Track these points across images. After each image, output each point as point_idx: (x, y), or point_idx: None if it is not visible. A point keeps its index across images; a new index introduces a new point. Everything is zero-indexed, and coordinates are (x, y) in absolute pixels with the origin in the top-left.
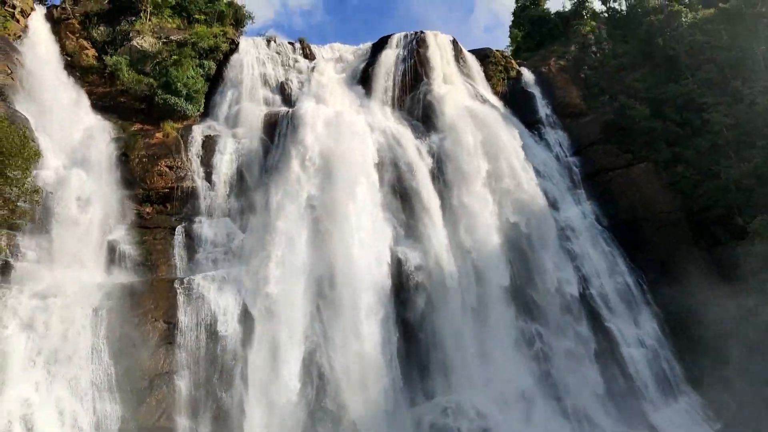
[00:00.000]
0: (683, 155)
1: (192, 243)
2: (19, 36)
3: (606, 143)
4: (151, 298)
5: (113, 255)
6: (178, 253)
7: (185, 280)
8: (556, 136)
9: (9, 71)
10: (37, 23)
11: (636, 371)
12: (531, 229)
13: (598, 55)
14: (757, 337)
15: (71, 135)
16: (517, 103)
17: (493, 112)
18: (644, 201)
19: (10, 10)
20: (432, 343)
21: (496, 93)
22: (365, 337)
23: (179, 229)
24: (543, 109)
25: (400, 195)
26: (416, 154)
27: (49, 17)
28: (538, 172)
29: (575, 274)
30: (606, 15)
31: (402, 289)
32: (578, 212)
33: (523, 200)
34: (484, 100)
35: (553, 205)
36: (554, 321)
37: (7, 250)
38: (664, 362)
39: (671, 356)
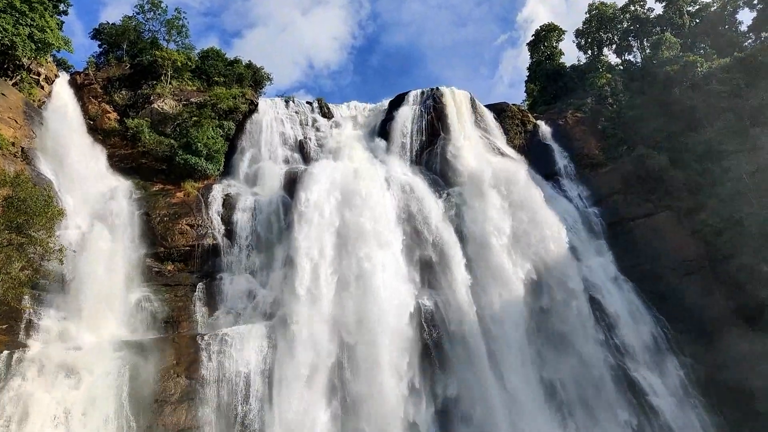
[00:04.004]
0: (705, 203)
1: (213, 299)
2: (44, 102)
3: (626, 193)
4: (173, 355)
5: (136, 312)
6: (200, 309)
7: (207, 336)
8: (575, 187)
9: (33, 135)
10: (61, 89)
11: (664, 421)
12: (554, 279)
13: (615, 106)
14: None
15: (94, 196)
16: (535, 155)
17: (512, 164)
18: (668, 250)
19: (35, 77)
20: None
21: (513, 146)
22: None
23: (200, 285)
24: (561, 161)
25: (420, 248)
26: (435, 208)
27: (73, 83)
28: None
29: (599, 324)
30: (621, 68)
31: (422, 336)
32: (601, 262)
33: (546, 251)
34: (502, 153)
35: (576, 255)
36: (578, 371)
37: (31, 309)
38: (691, 412)
39: (699, 406)
